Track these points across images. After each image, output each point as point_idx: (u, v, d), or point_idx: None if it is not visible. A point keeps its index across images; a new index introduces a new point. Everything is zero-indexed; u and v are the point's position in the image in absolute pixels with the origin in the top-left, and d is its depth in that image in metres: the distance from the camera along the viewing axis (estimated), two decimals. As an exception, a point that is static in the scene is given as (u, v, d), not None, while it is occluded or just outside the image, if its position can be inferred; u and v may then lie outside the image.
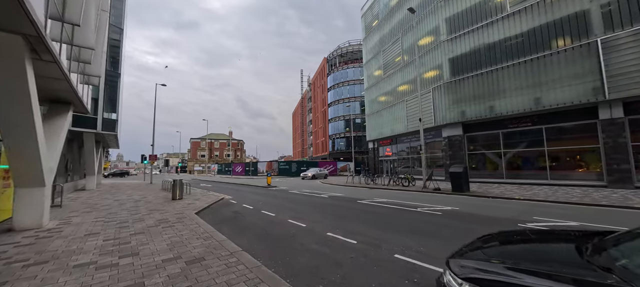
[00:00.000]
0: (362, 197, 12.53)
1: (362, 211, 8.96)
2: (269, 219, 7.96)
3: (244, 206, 10.60)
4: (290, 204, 10.72)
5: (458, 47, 18.97)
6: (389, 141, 27.76)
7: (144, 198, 12.95)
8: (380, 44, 29.30)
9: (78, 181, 19.35)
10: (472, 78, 17.97)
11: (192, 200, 11.95)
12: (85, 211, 9.46)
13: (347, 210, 9.14)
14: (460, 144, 18.80)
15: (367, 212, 8.58)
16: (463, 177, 12.93)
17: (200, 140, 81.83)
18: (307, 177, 29.54)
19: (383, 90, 28.65)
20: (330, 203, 10.82)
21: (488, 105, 17.09)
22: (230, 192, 15.90)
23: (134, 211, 9.15)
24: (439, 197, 11.78)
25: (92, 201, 12.01)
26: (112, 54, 19.58)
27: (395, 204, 10.17)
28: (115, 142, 24.96)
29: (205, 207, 10.00)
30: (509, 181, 16.21)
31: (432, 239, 5.49)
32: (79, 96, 8.87)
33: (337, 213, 8.60)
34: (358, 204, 10.45)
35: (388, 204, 10.06)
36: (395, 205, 9.88)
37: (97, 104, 17.37)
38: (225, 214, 8.83)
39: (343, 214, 8.48)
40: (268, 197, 13.17)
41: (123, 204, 10.84)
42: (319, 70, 69.15)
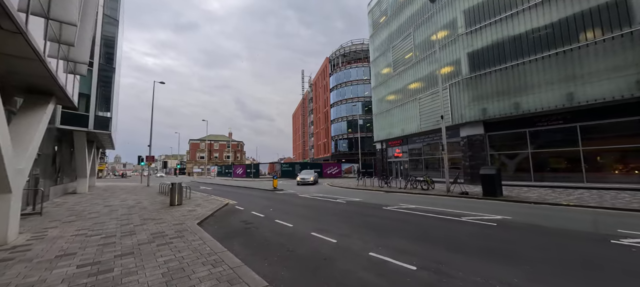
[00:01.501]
0: (385, 202, 11.16)
1: (396, 220, 7.58)
2: (288, 231, 6.58)
3: (253, 213, 9.20)
4: (306, 212, 9.34)
5: (478, 40, 17.71)
6: (399, 142, 26.44)
7: (138, 203, 11.53)
8: (388, 40, 28.05)
9: (69, 183, 17.89)
10: (494, 73, 16.69)
11: (192, 206, 10.55)
12: (68, 220, 8.05)
13: (377, 219, 7.77)
14: (481, 144, 17.49)
15: (405, 223, 7.21)
16: (496, 180, 11.58)
17: (200, 142, 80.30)
18: (308, 182, 23.31)
19: (392, 89, 27.37)
20: (352, 210, 9.45)
21: (513, 102, 15.80)
22: (235, 197, 14.49)
23: (125, 220, 7.74)
24: (474, 203, 10.42)
25: (79, 207, 10.59)
26: (106, 49, 18.21)
27: (430, 211, 8.80)
28: (110, 142, 23.50)
29: (209, 216, 8.61)
30: (538, 184, 14.88)
31: (515, 265, 4.13)
32: (59, 84, 7.48)
33: (367, 223, 7.22)
34: (385, 211, 9.07)
35: (422, 212, 8.69)
36: (431, 213, 8.52)
37: (89, 101, 15.97)
38: (234, 225, 7.44)
39: (375, 224, 7.11)
40: (278, 203, 11.78)
41: (114, 211, 9.42)
42: (321, 70, 67.95)
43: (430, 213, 8.47)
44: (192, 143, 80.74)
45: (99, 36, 16.77)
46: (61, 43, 6.92)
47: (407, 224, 7.06)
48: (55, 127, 14.08)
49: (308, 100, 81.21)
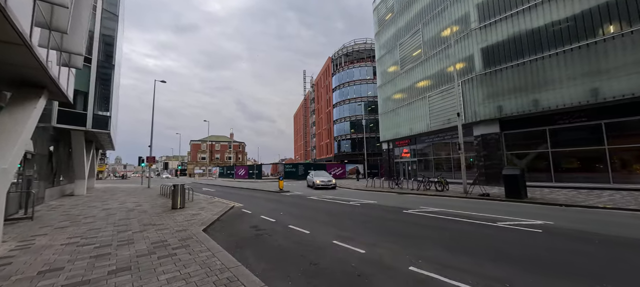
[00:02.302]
0: (403, 205, 10.40)
1: (423, 225, 6.83)
2: (305, 239, 5.83)
3: (262, 217, 8.46)
4: (319, 216, 8.59)
5: (493, 35, 16.97)
6: (407, 141, 25.69)
7: (138, 207, 10.81)
8: (395, 37, 27.34)
9: (66, 185, 17.19)
10: (510, 69, 15.94)
11: (196, 209, 9.82)
12: (60, 225, 7.32)
13: (401, 225, 7.01)
14: (496, 143, 16.72)
15: (434, 229, 6.45)
16: (520, 182, 10.82)
17: (201, 143, 79.65)
18: (328, 186, 18.91)
19: (399, 87, 26.64)
20: (369, 213, 8.69)
21: (531, 99, 15.04)
22: (240, 199, 13.75)
23: (123, 226, 7.01)
24: (501, 206, 9.65)
25: (75, 211, 9.86)
26: (105, 45, 17.53)
27: (457, 215, 8.05)
28: (109, 143, 22.81)
29: (215, 220, 7.86)
30: (560, 185, 14.10)
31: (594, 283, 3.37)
32: (51, 76, 6.77)
33: (392, 229, 6.47)
34: (408, 215, 8.32)
35: (449, 216, 7.93)
36: (459, 217, 7.76)
37: (87, 99, 15.27)
38: (243, 232, 6.69)
39: (402, 231, 6.35)
40: (287, 206, 11.03)
41: (111, 215, 8.69)
42: (323, 70, 67.31)
43: (458, 217, 7.70)
44: (193, 144, 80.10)
45: (98, 31, 16.09)
46: (52, 29, 6.21)
47: (438, 230, 6.30)
48: (51, 126, 13.38)
49: (310, 101, 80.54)
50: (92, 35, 15.79)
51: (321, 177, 19.95)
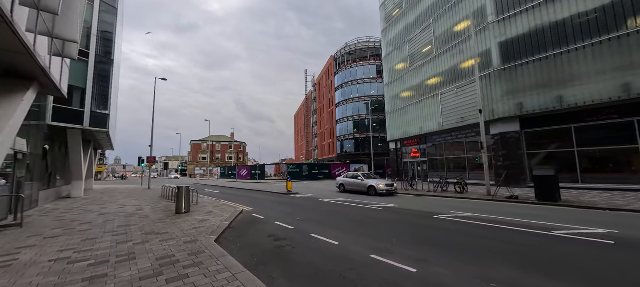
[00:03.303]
0: (429, 208, 9.54)
1: (470, 235, 5.97)
2: (336, 252, 4.97)
3: (278, 224, 7.59)
4: (341, 222, 7.73)
5: (512, 28, 16.13)
6: (417, 141, 24.84)
7: (139, 211, 9.93)
8: (404, 34, 26.50)
9: (62, 187, 16.31)
10: (532, 64, 15.10)
11: (203, 214, 8.95)
12: (52, 233, 6.46)
13: (441, 233, 6.15)
14: (516, 142, 15.87)
15: (486, 239, 5.59)
16: (554, 183, 9.97)
17: (202, 143, 78.73)
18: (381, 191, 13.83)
19: (408, 85, 25.80)
20: (397, 219, 7.83)
21: (555, 95, 14.20)
22: (247, 202, 12.88)
23: (123, 236, 6.13)
24: (539, 210, 8.80)
25: (69, 216, 8.99)
26: (104, 39, 16.66)
27: (498, 221, 7.19)
28: (108, 142, 21.92)
29: (226, 228, 7.00)
30: (588, 186, 13.26)
31: None
32: (40, 64, 5.91)
33: (434, 239, 5.61)
34: (442, 221, 7.45)
35: (489, 223, 7.07)
36: (502, 223, 6.90)
37: (85, 96, 14.39)
38: (261, 243, 5.82)
39: (446, 240, 5.49)
40: (301, 210, 10.16)
41: (110, 222, 7.82)
42: (325, 69, 66.50)
43: (501, 224, 6.85)
44: (193, 144, 79.18)
45: (96, 25, 15.22)
46: (41, 9, 5.34)
47: (490, 241, 5.45)
48: (46, 124, 12.51)
49: (311, 100, 79.69)
50: (90, 29, 14.94)
51: (381, 181, 14.78)
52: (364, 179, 15.08)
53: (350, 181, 15.92)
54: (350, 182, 15.94)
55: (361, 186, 14.89)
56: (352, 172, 17.31)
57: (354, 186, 15.49)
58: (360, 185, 15.00)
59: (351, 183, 15.79)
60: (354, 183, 15.49)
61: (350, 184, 15.82)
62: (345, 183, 16.30)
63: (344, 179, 16.63)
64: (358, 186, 15.13)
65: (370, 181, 14.65)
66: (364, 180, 14.98)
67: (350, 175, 16.43)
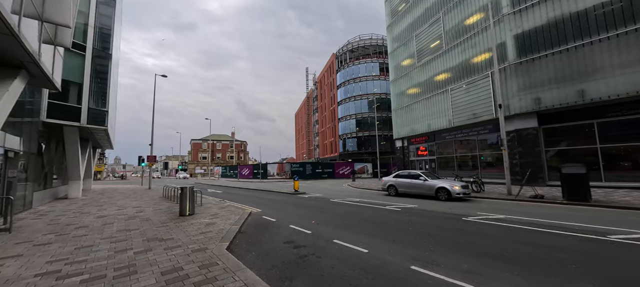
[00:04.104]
0: (452, 210, 8.87)
1: (512, 240, 5.29)
2: (370, 263, 4.29)
3: (292, 227, 6.91)
4: (362, 225, 7.05)
5: (528, 20, 15.43)
6: (424, 139, 24.17)
7: (140, 213, 9.25)
8: (410, 29, 25.78)
9: (59, 187, 15.62)
10: (551, 56, 14.41)
11: (208, 217, 8.27)
12: (43, 240, 5.78)
13: (479, 238, 5.48)
14: (534, 138, 15.20)
15: (533, 246, 4.91)
16: (585, 182, 9.31)
17: (202, 142, 77.99)
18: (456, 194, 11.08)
19: (415, 81, 25.10)
20: (423, 222, 7.15)
21: (576, 90, 13.53)
22: (254, 203, 12.20)
23: (122, 242, 5.45)
24: (573, 211, 8.14)
25: (64, 219, 8.30)
26: (102, 32, 15.94)
27: (534, 224, 6.53)
28: (107, 141, 21.20)
29: (236, 233, 6.32)
30: (612, 184, 12.61)
31: None
32: (27, 49, 5.21)
33: (475, 247, 4.93)
34: (473, 224, 6.77)
35: (527, 226, 6.40)
36: (541, 227, 6.24)
37: (82, 91, 13.68)
38: (279, 250, 5.14)
39: (488, 248, 4.82)
40: (314, 211, 9.49)
41: (108, 226, 7.13)
42: (327, 67, 65.76)
43: (541, 227, 6.18)
44: (194, 143, 78.44)
45: (93, 17, 14.49)
46: (27, -14, 4.63)
47: (539, 248, 4.77)
48: (40, 120, 11.80)
49: (312, 99, 78.96)
50: (87, 21, 14.22)
51: (453, 182, 11.83)
52: (428, 179, 12.26)
53: (407, 182, 13.07)
54: (406, 183, 13.10)
55: (425, 188, 12.12)
56: (404, 171, 14.40)
57: (413, 187, 12.71)
58: (422, 187, 12.25)
59: (408, 184, 12.95)
60: (414, 184, 12.69)
61: (407, 185, 12.99)
62: (398, 184, 13.43)
63: (396, 180, 13.70)
64: (420, 187, 12.38)
65: (438, 181, 11.83)
66: (428, 180, 12.13)
67: (403, 174, 13.78)
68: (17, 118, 9.62)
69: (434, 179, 12.19)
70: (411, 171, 14.12)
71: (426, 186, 12.11)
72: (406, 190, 13.05)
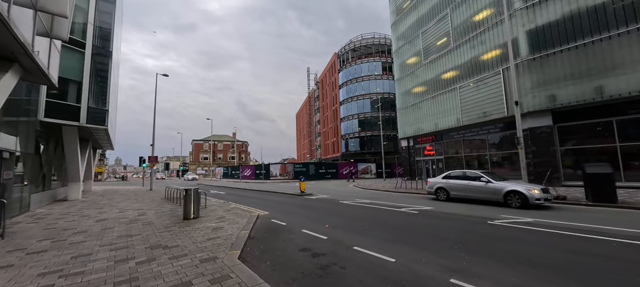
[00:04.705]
0: (472, 212, 8.37)
1: (554, 248, 4.79)
2: (403, 276, 3.80)
3: (305, 232, 6.43)
4: (380, 230, 6.57)
5: (541, 14, 14.93)
6: (431, 138, 23.67)
7: (141, 216, 8.78)
8: (416, 26, 25.30)
9: (59, 189, 15.18)
10: (566, 52, 13.91)
11: (214, 220, 7.80)
12: (38, 247, 5.32)
13: (513, 246, 4.98)
14: (548, 137, 14.69)
15: (582, 256, 4.42)
16: (610, 182, 8.81)
17: (203, 142, 77.63)
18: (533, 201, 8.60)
19: (421, 80, 24.62)
20: (444, 225, 6.65)
21: (594, 86, 13.02)
22: (260, 204, 11.72)
23: (123, 251, 4.98)
24: (603, 213, 7.65)
25: (62, 223, 7.83)
26: (102, 29, 15.51)
27: (567, 228, 6.03)
28: (108, 141, 20.78)
29: (246, 239, 5.84)
30: (634, 184, 12.08)
31: None
32: (19, 39, 4.75)
33: (516, 255, 4.43)
34: (501, 229, 6.28)
35: (562, 231, 5.91)
36: (576, 231, 5.75)
37: (81, 90, 13.23)
38: (297, 260, 4.64)
39: (530, 256, 4.32)
40: (324, 214, 9.01)
41: (108, 231, 6.67)
42: (329, 66, 65.28)
43: (576, 232, 5.68)
44: (195, 144, 78.08)
45: (93, 14, 14.05)
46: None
47: (586, 257, 4.27)
48: (38, 120, 11.35)
49: (314, 99, 78.49)
50: (87, 18, 13.79)
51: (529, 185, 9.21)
52: (492, 180, 9.69)
53: (462, 184, 10.57)
54: (461, 185, 10.62)
55: (488, 191, 9.60)
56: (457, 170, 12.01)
57: (471, 191, 10.20)
58: (485, 190, 9.70)
59: (464, 187, 10.45)
60: (472, 187, 10.15)
61: (463, 188, 10.50)
62: (450, 186, 11.01)
63: (446, 181, 11.29)
64: (480, 191, 9.85)
65: (508, 183, 9.34)
66: (493, 182, 9.59)
67: (456, 174, 11.36)
68: (13, 117, 9.18)
69: (500, 181, 9.78)
70: (467, 170, 11.64)
71: (490, 189, 9.58)
72: (461, 194, 10.60)
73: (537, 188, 8.83)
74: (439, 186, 11.58)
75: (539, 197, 8.60)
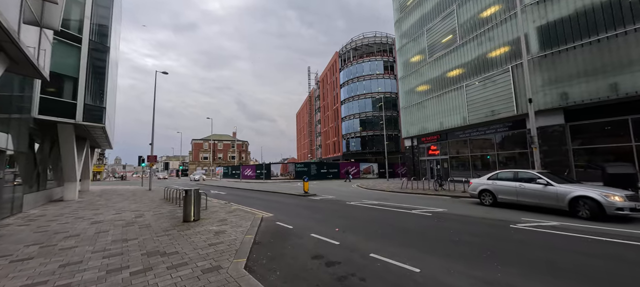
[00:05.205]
0: (494, 216, 7.92)
1: (591, 256, 4.34)
2: (431, 289, 3.35)
3: (315, 237, 5.97)
4: (395, 234, 6.11)
5: (553, 10, 14.47)
6: (436, 138, 23.21)
7: (139, 218, 8.31)
8: (420, 24, 24.83)
9: (54, 189, 14.71)
10: (579, 48, 13.46)
11: (216, 223, 7.33)
12: (23, 254, 4.85)
13: (547, 253, 4.52)
14: (560, 136, 14.24)
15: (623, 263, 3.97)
16: (633, 182, 8.35)
17: (203, 142, 77.11)
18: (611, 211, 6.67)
19: (426, 78, 24.15)
20: (465, 230, 6.19)
21: (609, 83, 12.57)
22: (263, 206, 11.26)
23: (117, 258, 4.51)
24: (625, 216, 7.20)
25: (54, 226, 7.36)
26: (99, 23, 15.03)
27: (596, 232, 5.58)
28: (106, 140, 20.28)
29: (252, 245, 5.38)
30: (651, 186, 11.62)
31: None
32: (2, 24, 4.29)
33: (558, 266, 3.98)
34: (527, 233, 5.82)
35: (594, 235, 5.45)
36: (606, 236, 5.29)
37: (77, 86, 12.76)
38: (310, 269, 4.18)
39: (570, 266, 3.87)
40: (331, 216, 8.55)
41: (102, 234, 6.20)
42: (330, 65, 64.82)
43: (607, 237, 5.22)
44: (195, 143, 77.55)
45: (90, 7, 13.57)
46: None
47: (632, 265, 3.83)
48: (31, 117, 10.88)
49: (314, 98, 78.02)
50: (83, 12, 13.32)
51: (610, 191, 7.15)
52: (553, 182, 7.83)
53: (513, 187, 8.77)
54: (511, 188, 8.82)
55: (548, 197, 7.78)
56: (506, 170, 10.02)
57: (524, 195, 8.41)
58: (543, 195, 7.90)
59: (516, 190, 8.64)
60: (526, 191, 8.35)
61: (514, 191, 8.71)
62: (497, 189, 9.30)
63: (493, 183, 9.55)
64: (537, 196, 8.05)
65: (576, 187, 7.48)
66: (555, 185, 7.73)
67: (505, 174, 9.50)
68: (4, 114, 8.72)
69: (563, 183, 7.81)
70: (520, 170, 9.60)
71: (550, 193, 7.72)
72: (511, 199, 8.80)
73: (618, 194, 6.81)
74: (484, 187, 9.83)
75: (624, 206, 6.55)
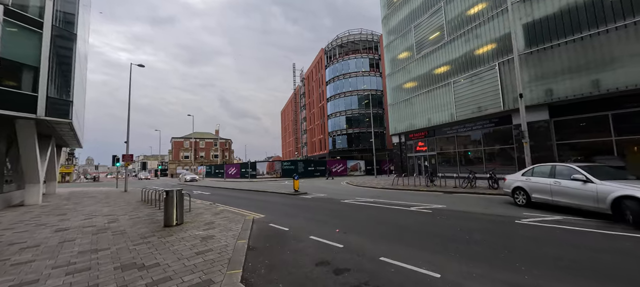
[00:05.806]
0: (494, 211, 7.75)
1: (604, 251, 4.14)
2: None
3: (315, 239, 5.44)
4: (399, 233, 5.72)
5: (539, 8, 14.75)
6: (423, 134, 23.36)
7: (113, 223, 7.39)
8: (408, 20, 24.82)
9: (13, 192, 13.16)
10: (564, 46, 13.79)
11: (202, 227, 6.62)
12: (-39, 274, 3.95)
13: (567, 251, 4.29)
14: (545, 131, 14.60)
15: None
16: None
17: (184, 140, 73.98)
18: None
19: (413, 75, 24.20)
20: (469, 227, 5.91)
21: (591, 80, 12.95)
22: (252, 206, 10.56)
23: (84, 275, 3.75)
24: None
25: (9, 235, 6.32)
26: (64, 6, 13.52)
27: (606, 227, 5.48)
28: (74, 138, 18.53)
29: (247, 252, 4.76)
30: (630, 179, 12.11)
31: None
32: None
33: (584, 265, 3.72)
34: (532, 228, 5.61)
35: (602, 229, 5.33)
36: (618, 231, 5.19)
37: (38, 76, 11.35)
38: (317, 280, 3.65)
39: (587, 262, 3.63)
40: (328, 215, 8.06)
41: (67, 244, 5.32)
42: (315, 62, 64.20)
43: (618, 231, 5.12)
44: (175, 141, 74.24)
45: (53, -12, 12.12)
46: None
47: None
48: (-18, 111, 9.50)
49: (300, 96, 77.11)
50: (45, -6, 11.86)
51: None
52: (593, 179, 6.50)
53: (547, 183, 7.59)
54: (546, 185, 7.61)
55: (586, 196, 6.51)
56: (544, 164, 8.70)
57: (560, 194, 7.19)
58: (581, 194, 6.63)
59: (551, 188, 7.44)
60: (562, 189, 7.13)
61: (549, 189, 7.51)
62: (532, 187, 8.10)
63: (527, 180, 8.36)
64: (574, 195, 6.80)
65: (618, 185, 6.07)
66: (594, 182, 6.43)
67: (541, 169, 8.27)
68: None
69: (606, 179, 6.44)
70: (558, 163, 8.27)
71: (589, 192, 6.44)
72: (546, 198, 7.60)
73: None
74: (517, 185, 8.66)
75: None
